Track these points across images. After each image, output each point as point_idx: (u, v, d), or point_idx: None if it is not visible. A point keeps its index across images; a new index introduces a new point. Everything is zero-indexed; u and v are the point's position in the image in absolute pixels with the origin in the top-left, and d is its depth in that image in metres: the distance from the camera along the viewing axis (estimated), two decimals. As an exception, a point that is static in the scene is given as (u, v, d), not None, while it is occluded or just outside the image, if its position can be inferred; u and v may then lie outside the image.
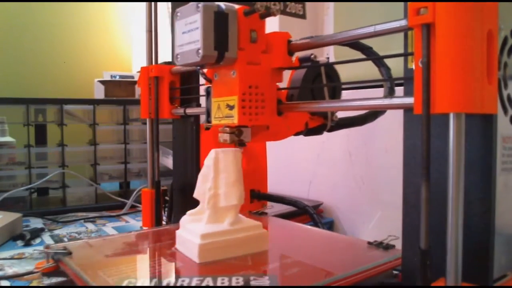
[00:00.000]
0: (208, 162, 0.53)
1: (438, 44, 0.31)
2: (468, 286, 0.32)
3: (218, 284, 0.42)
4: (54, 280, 0.61)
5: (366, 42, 0.59)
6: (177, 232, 0.54)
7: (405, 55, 0.41)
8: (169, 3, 1.22)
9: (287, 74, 0.59)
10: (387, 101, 0.40)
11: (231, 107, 0.48)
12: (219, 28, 0.45)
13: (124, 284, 0.43)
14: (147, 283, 0.43)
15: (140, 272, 0.48)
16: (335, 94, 0.62)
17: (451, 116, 0.31)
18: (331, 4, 1.05)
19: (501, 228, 0.36)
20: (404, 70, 0.41)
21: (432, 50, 0.32)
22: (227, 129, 0.50)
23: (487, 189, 0.35)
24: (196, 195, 0.54)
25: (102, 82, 1.35)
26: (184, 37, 0.47)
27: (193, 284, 0.42)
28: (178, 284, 0.42)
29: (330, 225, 0.92)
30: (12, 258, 0.73)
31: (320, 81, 0.60)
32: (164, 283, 0.43)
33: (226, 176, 0.51)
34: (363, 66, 0.62)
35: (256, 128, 0.52)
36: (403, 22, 0.37)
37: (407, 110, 0.40)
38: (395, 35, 0.40)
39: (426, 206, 0.34)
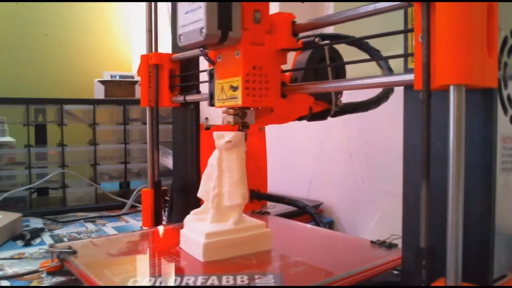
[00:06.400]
0: (212, 161, 0.53)
1: (438, 17, 0.31)
2: (468, 286, 0.32)
3: (223, 283, 0.42)
4: (55, 280, 0.61)
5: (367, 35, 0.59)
6: (181, 231, 0.55)
7: (405, 31, 0.40)
8: (169, 3, 1.22)
9: (291, 61, 0.58)
10: (387, 79, 0.40)
11: (234, 88, 0.47)
12: (222, 8, 0.45)
13: (130, 282, 0.43)
14: (152, 282, 0.43)
15: (145, 271, 0.48)
16: (339, 76, 0.61)
17: (451, 90, 0.31)
18: (331, 4, 1.05)
19: (501, 228, 0.36)
20: (404, 47, 0.41)
21: (432, 23, 0.32)
22: (231, 110, 0.50)
23: (487, 189, 0.35)
24: (200, 194, 0.55)
25: (102, 82, 1.35)
26: (187, 17, 0.46)
27: (198, 283, 0.42)
28: (183, 283, 0.43)
29: (330, 225, 0.92)
30: (12, 258, 0.73)
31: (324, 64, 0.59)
32: (169, 282, 0.43)
33: (230, 175, 0.52)
34: (368, 68, 0.62)
35: (260, 110, 0.52)
36: None
37: (408, 89, 0.40)
38: (395, 36, 0.40)
39: (426, 206, 0.34)
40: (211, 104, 0.53)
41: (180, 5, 0.48)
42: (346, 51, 0.60)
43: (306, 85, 0.51)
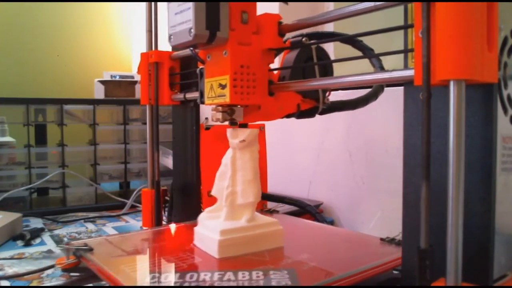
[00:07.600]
0: (225, 160, 0.54)
1: (438, 12, 0.31)
2: (468, 286, 0.32)
3: (239, 278, 0.43)
4: (56, 281, 0.61)
5: (367, 37, 0.59)
6: (195, 228, 0.56)
7: (405, 27, 0.40)
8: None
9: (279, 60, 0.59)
10: (386, 75, 0.40)
11: (223, 86, 0.49)
12: (210, 8, 0.46)
13: (148, 278, 0.44)
14: (170, 277, 0.44)
15: (162, 267, 0.48)
16: (326, 75, 0.62)
17: (451, 85, 0.31)
18: (331, 4, 1.05)
19: (501, 228, 0.36)
20: (404, 43, 0.41)
21: (431, 19, 0.32)
22: (220, 108, 0.51)
23: (487, 189, 0.35)
24: (213, 192, 0.56)
25: (102, 82, 1.35)
26: (176, 18, 0.48)
27: (215, 278, 0.43)
28: (201, 278, 0.43)
29: (330, 225, 0.92)
30: (12, 258, 0.73)
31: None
32: (187, 277, 0.44)
33: (244, 174, 0.53)
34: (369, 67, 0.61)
35: (248, 108, 0.53)
36: None
37: (408, 87, 0.40)
38: (395, 35, 0.40)
39: (426, 206, 0.34)
40: (201, 101, 0.55)
41: (170, 6, 0.49)
42: (347, 52, 0.60)
43: (293, 83, 0.52)
